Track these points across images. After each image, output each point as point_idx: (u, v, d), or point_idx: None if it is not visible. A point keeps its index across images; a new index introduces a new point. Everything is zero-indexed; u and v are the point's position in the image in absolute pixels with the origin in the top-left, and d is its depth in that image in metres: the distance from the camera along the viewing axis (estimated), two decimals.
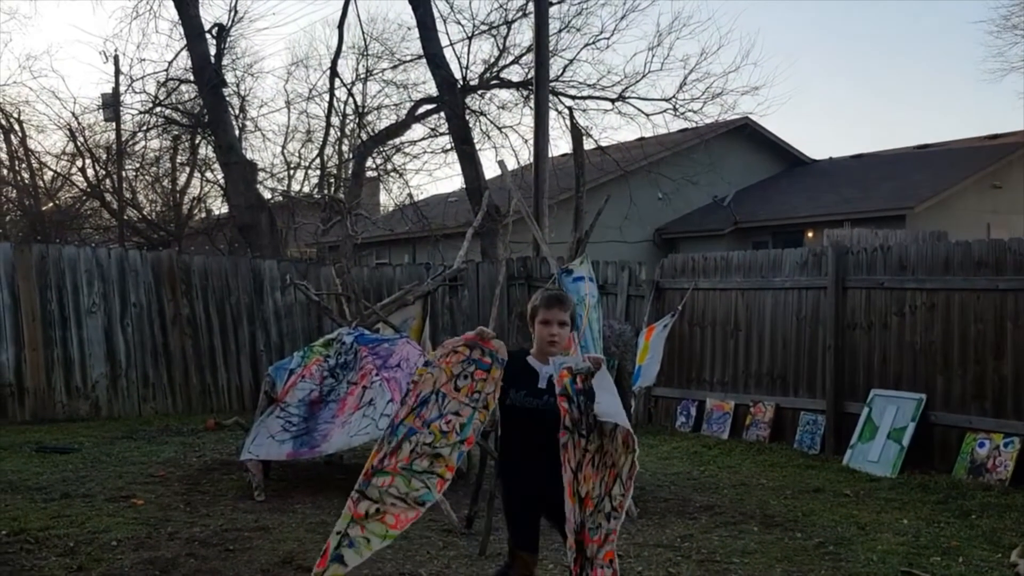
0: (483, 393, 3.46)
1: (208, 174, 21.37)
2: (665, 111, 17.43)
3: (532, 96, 14.61)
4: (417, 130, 19.27)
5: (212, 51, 15.49)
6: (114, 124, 20.05)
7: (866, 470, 7.76)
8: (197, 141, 20.05)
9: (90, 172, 20.83)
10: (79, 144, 20.33)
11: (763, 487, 7.19)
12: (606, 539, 3.45)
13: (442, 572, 4.82)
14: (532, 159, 14.76)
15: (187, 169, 21.82)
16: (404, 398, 3.49)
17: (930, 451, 7.79)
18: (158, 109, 18.43)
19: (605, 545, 3.44)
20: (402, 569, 4.85)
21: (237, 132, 17.65)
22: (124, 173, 20.59)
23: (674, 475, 7.64)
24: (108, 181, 20.63)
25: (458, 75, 16.86)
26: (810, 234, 18.90)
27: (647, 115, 17.57)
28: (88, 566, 4.83)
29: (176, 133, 20.05)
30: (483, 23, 17.82)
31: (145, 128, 19.35)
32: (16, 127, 20.60)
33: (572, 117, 9.70)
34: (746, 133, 22.71)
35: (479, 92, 17.86)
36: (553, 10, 15.88)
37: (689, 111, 17.45)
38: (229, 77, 17.78)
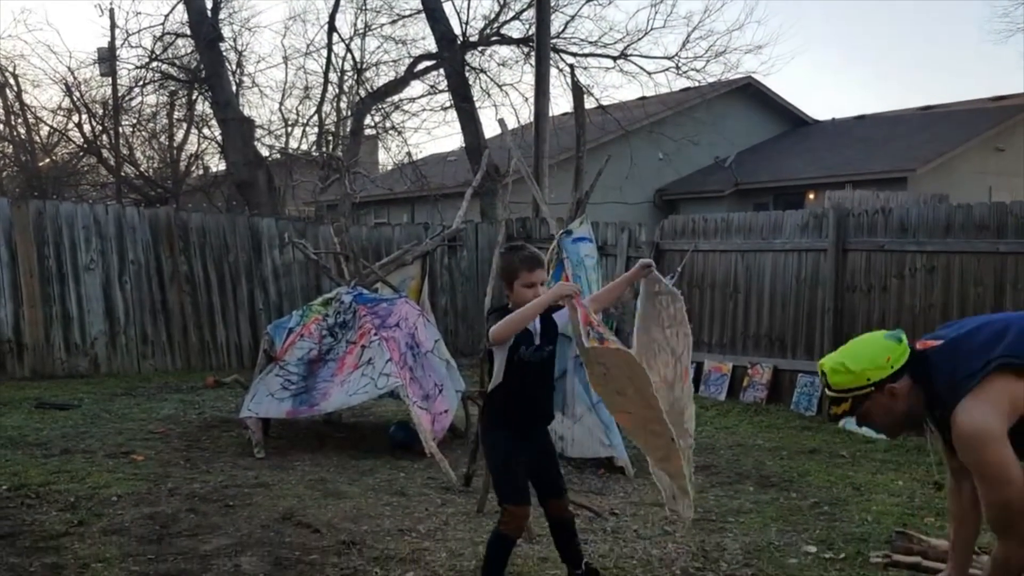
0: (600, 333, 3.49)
1: (205, 131, 21.19)
2: (667, 69, 17.28)
3: (533, 53, 14.44)
4: (416, 87, 19.17)
5: (208, 5, 15.28)
6: (110, 79, 19.82)
7: (862, 431, 7.79)
8: (194, 97, 19.84)
9: (87, 128, 20.64)
10: (75, 99, 20.11)
11: (759, 448, 7.23)
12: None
13: (440, 528, 4.86)
14: (532, 118, 14.63)
15: (184, 125, 21.62)
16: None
17: None
18: (155, 64, 18.21)
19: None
20: (401, 525, 4.89)
21: (234, 88, 17.48)
22: (121, 129, 20.40)
23: None
24: (105, 137, 20.45)
25: (458, 31, 16.68)
26: (811, 196, 18.82)
27: (649, 73, 17.43)
28: (89, 521, 4.86)
29: (173, 88, 19.82)
30: None
31: (142, 83, 19.13)
32: (12, 82, 20.38)
33: (573, 75, 9.59)
34: (749, 93, 22.52)
35: (479, 49, 17.66)
36: None
37: (692, 70, 17.30)
38: (226, 31, 17.58)
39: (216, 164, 22.72)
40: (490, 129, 18.84)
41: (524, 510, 3.66)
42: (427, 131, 23.10)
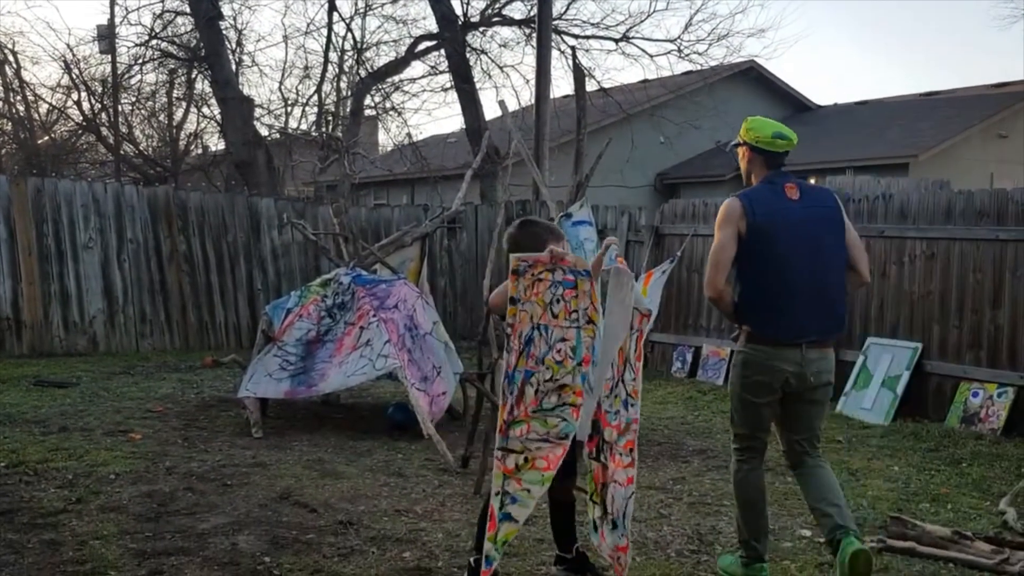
0: (580, 310, 3.35)
1: (205, 110, 21.11)
2: (669, 52, 17.22)
3: (534, 35, 14.35)
4: (417, 68, 19.09)
5: None
6: (109, 57, 19.70)
7: (859, 417, 7.82)
8: (193, 75, 19.75)
9: (85, 106, 20.55)
10: (74, 77, 20.02)
11: None
12: (627, 428, 3.57)
13: (437, 510, 4.88)
14: (533, 100, 14.56)
15: (183, 104, 21.55)
16: (507, 344, 3.34)
17: (924, 400, 7.84)
18: (154, 42, 18.12)
19: (626, 434, 3.58)
20: (398, 506, 4.90)
21: (234, 67, 17.38)
22: (120, 107, 20.31)
23: (668, 419, 7.70)
24: (104, 115, 20.36)
25: (459, 11, 16.56)
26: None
27: (651, 56, 17.38)
28: (87, 498, 4.87)
29: (172, 67, 19.73)
30: None
31: (141, 61, 19.03)
32: (11, 59, 20.28)
33: (575, 57, 9.52)
34: (751, 77, 22.41)
35: (480, 29, 17.56)
36: None
37: (694, 53, 17.23)
38: (226, 9, 17.44)
39: (215, 143, 22.67)
40: (491, 111, 18.78)
41: (570, 481, 3.74)
42: (427, 112, 23.11)
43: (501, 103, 6.98)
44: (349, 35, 18.27)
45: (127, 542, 4.19)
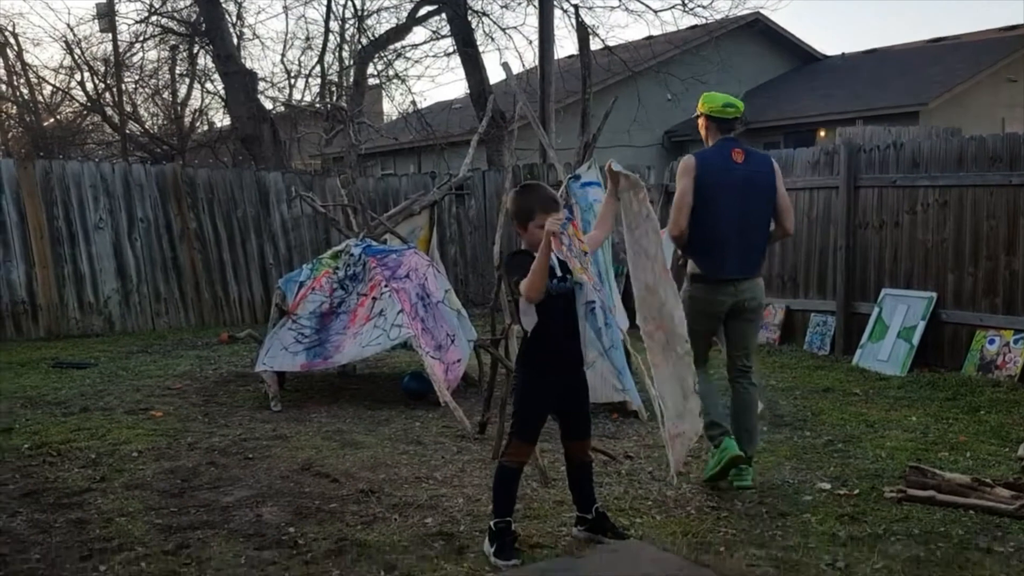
0: (579, 246, 3.57)
1: (208, 85, 21.02)
2: (674, 7, 16.97)
3: None
4: (419, 33, 18.98)
5: None
6: (110, 35, 19.62)
7: (875, 369, 7.81)
8: (195, 51, 19.64)
9: (89, 86, 20.52)
10: (76, 57, 19.98)
11: (772, 388, 7.25)
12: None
13: (456, 476, 4.91)
14: (537, 61, 14.43)
15: (187, 80, 21.46)
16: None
17: (940, 349, 7.82)
18: (154, 18, 18.01)
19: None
20: (417, 473, 4.94)
21: (235, 40, 17.25)
22: (123, 86, 20.25)
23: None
24: (108, 95, 20.32)
25: None
26: (822, 133, 18.59)
27: (655, 11, 17.19)
28: (111, 476, 4.93)
29: (173, 43, 19.63)
30: None
31: (142, 38, 18.96)
32: (12, 41, 20.22)
33: (578, 15, 9.42)
34: (757, 29, 22.10)
35: None
36: None
37: (699, 6, 16.98)
38: None
39: (220, 119, 22.60)
40: (495, 74, 18.60)
41: (528, 448, 3.80)
42: (431, 79, 22.93)
43: (505, 66, 6.92)
44: (349, 3, 18.12)
45: (152, 518, 4.25)
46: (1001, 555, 3.66)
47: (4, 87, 20.90)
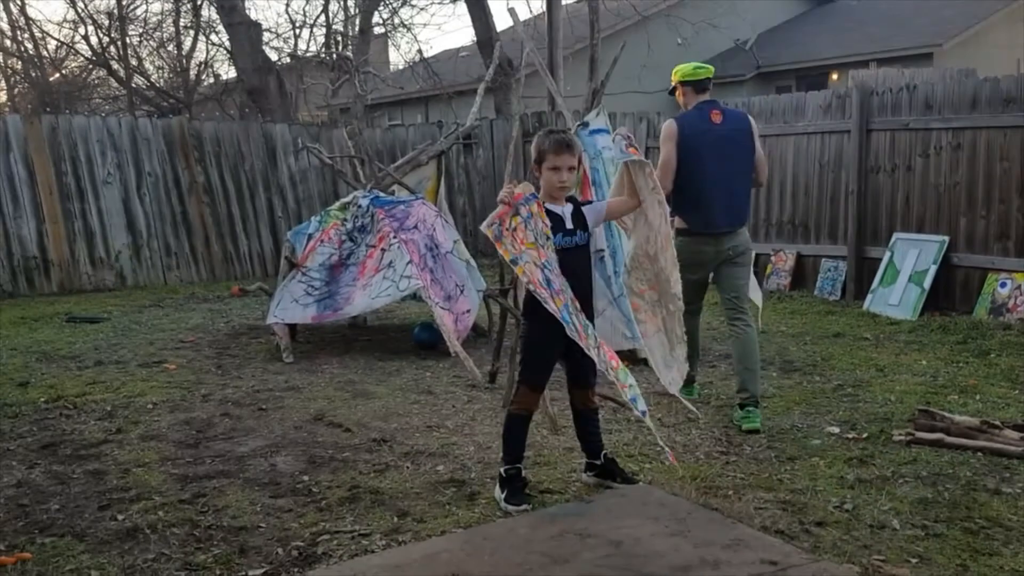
0: (542, 227, 3.52)
1: (213, 37, 20.86)
2: None
3: None
4: None
5: None
6: None
7: (886, 314, 7.79)
8: (199, 2, 19.43)
9: (94, 40, 20.37)
10: (80, 10, 19.79)
11: (783, 334, 7.25)
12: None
13: (467, 424, 4.96)
14: (544, 6, 14.20)
15: (191, 33, 21.28)
16: (536, 293, 3.46)
17: (951, 293, 7.79)
18: None
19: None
20: (429, 422, 4.99)
21: None
22: (128, 39, 20.10)
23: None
24: (113, 48, 20.18)
25: None
26: (835, 76, 18.32)
27: None
28: (127, 428, 5.00)
29: None
30: None
31: None
32: None
33: None
34: None
35: None
36: None
37: None
38: None
39: (226, 71, 22.43)
40: (501, 21, 18.33)
41: (535, 396, 3.81)
42: (437, 27, 22.63)
43: (512, 11, 6.81)
44: None
45: (169, 468, 4.31)
46: (1008, 496, 3.68)
47: (8, 42, 20.77)
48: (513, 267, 3.47)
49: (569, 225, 3.65)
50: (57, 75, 21.20)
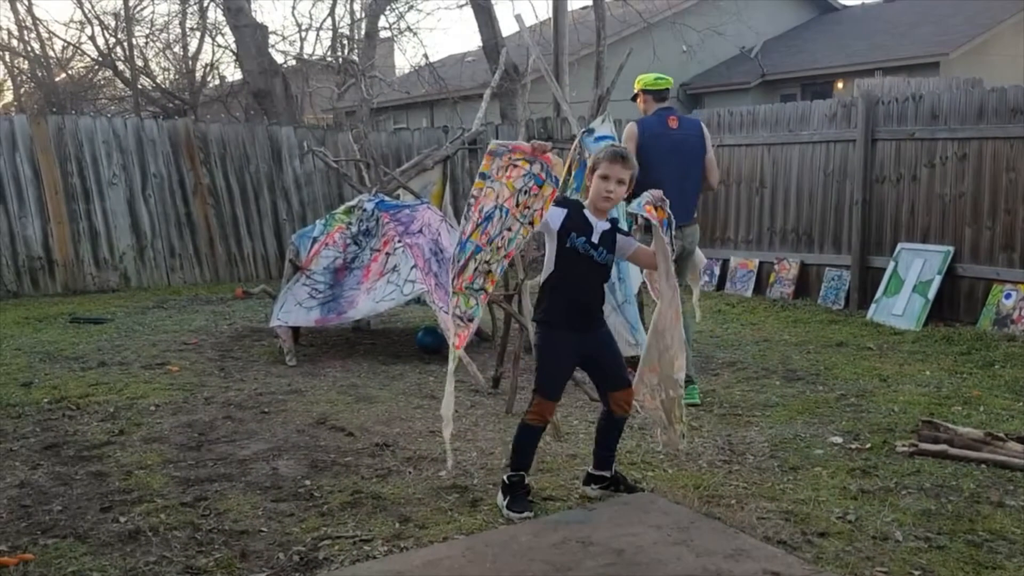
0: (532, 209, 3.49)
1: (219, 39, 20.91)
2: None
3: None
4: None
5: None
6: None
7: (890, 324, 7.78)
8: (205, 4, 19.49)
9: (100, 40, 20.43)
10: (86, 11, 19.89)
11: (786, 343, 7.25)
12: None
13: (470, 429, 4.95)
14: (551, 12, 14.22)
15: (197, 34, 21.33)
16: (467, 213, 3.43)
17: (955, 304, 7.77)
18: None
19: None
20: (432, 427, 4.98)
21: None
22: (134, 40, 20.15)
23: (697, 333, 7.67)
24: (119, 49, 20.23)
25: None
26: (840, 85, 18.31)
27: None
28: (129, 430, 5.00)
29: None
30: None
31: None
32: None
33: None
34: None
35: None
36: None
37: None
38: None
39: (232, 74, 22.49)
40: (508, 27, 18.34)
41: (551, 406, 3.73)
42: (443, 31, 22.65)
43: (518, 17, 6.83)
44: None
45: (171, 471, 4.31)
46: (1012, 509, 3.67)
47: (15, 42, 20.83)
48: (478, 178, 3.45)
49: (595, 239, 3.60)
50: (63, 75, 21.25)
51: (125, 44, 19.91)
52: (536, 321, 3.77)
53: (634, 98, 5.71)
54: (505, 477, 3.73)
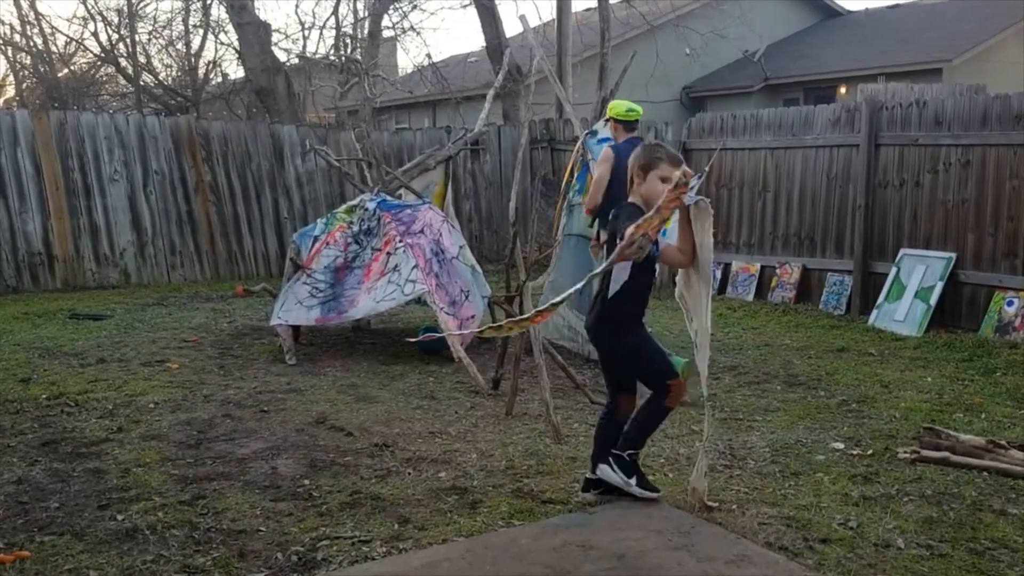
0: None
1: (222, 36, 20.93)
2: None
3: None
4: None
5: None
6: None
7: (892, 329, 7.76)
8: (209, 1, 19.48)
9: (103, 36, 20.41)
10: (89, 7, 19.87)
11: (787, 347, 7.23)
12: None
13: (470, 430, 4.94)
14: (555, 13, 14.22)
15: (200, 32, 21.32)
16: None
17: (957, 310, 7.75)
18: None
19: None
20: (431, 428, 4.97)
21: None
22: (137, 37, 20.14)
23: None
24: (122, 45, 20.21)
25: None
26: (843, 90, 18.30)
27: None
28: (127, 427, 4.98)
29: None
30: None
31: None
32: None
33: None
34: None
35: None
36: None
37: None
38: None
39: (235, 71, 22.48)
40: (511, 28, 18.31)
41: (680, 382, 3.87)
42: (447, 31, 22.64)
43: (522, 18, 6.82)
44: None
45: (169, 468, 4.29)
46: (1014, 516, 3.66)
47: (18, 37, 20.82)
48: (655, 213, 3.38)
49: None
50: (65, 71, 21.23)
51: (128, 40, 19.90)
52: (625, 332, 3.77)
53: (606, 121, 6.24)
54: (627, 453, 3.74)
